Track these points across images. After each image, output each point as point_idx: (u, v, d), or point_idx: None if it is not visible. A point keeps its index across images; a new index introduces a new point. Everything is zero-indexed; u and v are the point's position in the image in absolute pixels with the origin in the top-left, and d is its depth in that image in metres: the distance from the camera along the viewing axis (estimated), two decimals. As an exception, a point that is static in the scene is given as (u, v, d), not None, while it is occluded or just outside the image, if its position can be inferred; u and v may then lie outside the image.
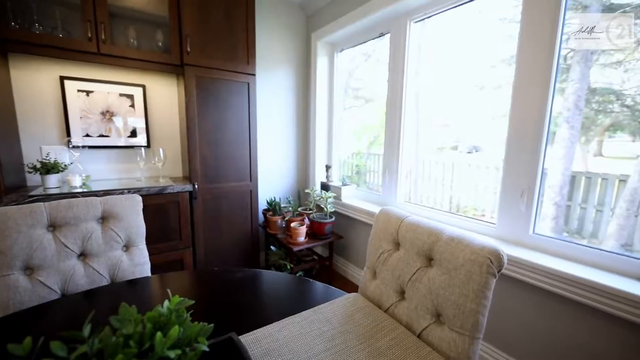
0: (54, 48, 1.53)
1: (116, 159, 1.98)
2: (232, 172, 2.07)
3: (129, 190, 1.62)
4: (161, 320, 0.51)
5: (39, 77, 1.72)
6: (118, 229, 1.08)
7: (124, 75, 1.95)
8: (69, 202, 1.01)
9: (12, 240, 0.89)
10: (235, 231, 2.13)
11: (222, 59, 1.94)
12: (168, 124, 2.14)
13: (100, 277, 1.04)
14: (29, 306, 0.91)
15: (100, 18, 1.61)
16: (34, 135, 1.73)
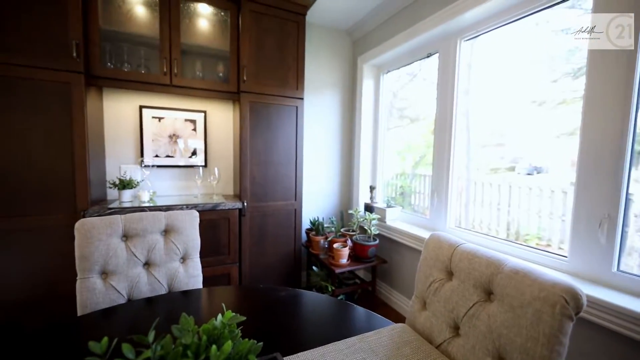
0: (137, 82, 1.80)
1: (178, 177, 2.20)
2: (278, 191, 2.15)
3: (187, 206, 1.78)
4: (215, 333, 0.53)
5: (123, 107, 2.02)
6: (177, 242, 1.18)
7: (189, 102, 2.20)
8: (139, 216, 1.14)
9: (94, 247, 1.02)
10: (279, 249, 2.18)
11: (273, 85, 2.09)
12: (223, 145, 2.33)
13: (159, 286, 1.13)
14: (101, 307, 1.02)
15: (174, 55, 1.86)
16: (115, 156, 2.01)
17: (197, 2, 1.94)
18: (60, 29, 1.56)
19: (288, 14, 2.10)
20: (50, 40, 1.54)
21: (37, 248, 1.57)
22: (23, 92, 1.51)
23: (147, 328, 0.57)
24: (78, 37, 1.59)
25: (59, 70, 1.57)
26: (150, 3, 1.87)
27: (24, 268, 1.55)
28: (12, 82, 1.49)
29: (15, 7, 1.47)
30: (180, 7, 1.87)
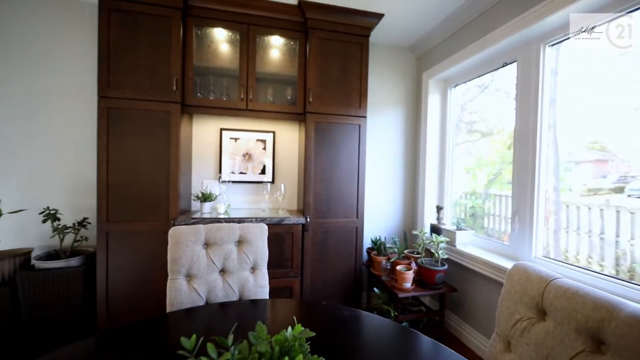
0: (220, 108, 2.07)
1: (249, 192, 2.40)
2: (340, 208, 2.17)
3: (256, 219, 1.92)
4: (286, 345, 0.55)
5: (207, 129, 2.32)
6: (248, 252, 1.27)
7: (260, 124, 2.41)
8: (218, 226, 1.27)
9: (182, 252, 1.17)
10: (339, 266, 2.17)
11: (337, 105, 2.16)
12: (289, 163, 2.48)
13: (232, 292, 1.23)
14: (185, 307, 1.15)
15: (250, 83, 2.08)
16: (199, 172, 2.30)
17: (270, 35, 2.16)
18: (164, 68, 1.90)
19: (352, 37, 2.18)
20: (156, 77, 1.89)
21: (140, 248, 1.86)
22: (134, 120, 1.86)
23: (221, 330, 0.61)
24: (177, 73, 1.91)
25: (162, 102, 1.89)
26: (232, 40, 2.15)
27: (131, 264, 1.86)
28: (126, 113, 1.85)
29: (129, 52, 1.85)
30: (257, 41, 2.11)
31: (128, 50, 1.85)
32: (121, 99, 1.84)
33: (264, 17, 2.08)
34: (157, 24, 1.88)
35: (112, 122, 1.82)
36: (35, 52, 2.05)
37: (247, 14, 2.05)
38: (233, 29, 2.08)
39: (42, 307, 1.76)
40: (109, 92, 1.81)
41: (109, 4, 1.82)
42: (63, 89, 2.10)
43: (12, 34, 2.02)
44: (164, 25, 1.89)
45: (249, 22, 2.07)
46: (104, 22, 1.81)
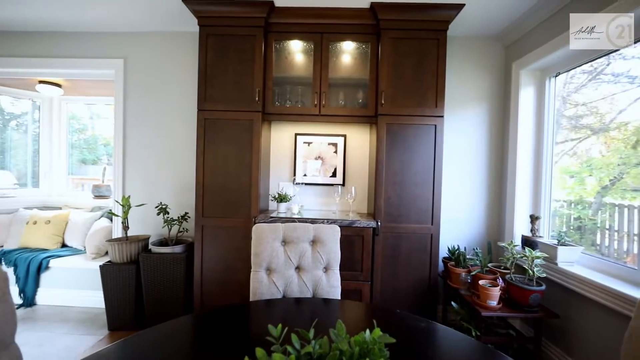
0: (295, 115, 2.20)
1: (320, 194, 2.49)
2: (413, 213, 2.07)
3: (327, 221, 1.97)
4: (365, 347, 0.55)
5: (283, 135, 2.50)
6: (322, 252, 1.31)
7: (332, 128, 2.48)
8: (294, 226, 1.35)
9: (263, 248, 1.28)
10: (411, 274, 2.07)
11: (411, 106, 2.08)
12: (359, 166, 2.48)
13: (306, 289, 1.29)
14: (265, 298, 1.26)
15: (323, 89, 2.16)
16: (276, 174, 2.49)
17: (342, 41, 2.21)
18: (249, 81, 2.12)
19: (427, 33, 2.07)
20: (242, 90, 2.12)
21: (226, 241, 2.12)
22: (224, 129, 2.13)
23: (297, 324, 0.65)
24: (259, 85, 2.11)
25: (246, 111, 2.11)
26: (307, 50, 2.27)
27: (220, 254, 2.12)
28: (218, 123, 2.13)
29: (221, 70, 2.11)
30: (329, 48, 2.18)
31: (220, 68, 2.12)
32: (214, 111, 2.12)
33: (337, 24, 2.14)
34: (243, 43, 2.11)
35: (207, 131, 2.12)
36: (154, 81, 2.54)
37: (321, 24, 2.14)
38: (308, 39, 2.19)
39: (156, 284, 2.15)
40: (206, 106, 2.12)
41: (207, 30, 2.13)
42: (173, 106, 2.54)
43: (140, 68, 2.54)
44: (249, 43, 2.11)
45: (322, 31, 2.15)
46: (203, 47, 2.12)
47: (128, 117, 2.55)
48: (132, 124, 2.56)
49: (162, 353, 0.88)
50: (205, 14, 2.09)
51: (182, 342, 0.99)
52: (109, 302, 2.19)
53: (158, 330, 0.97)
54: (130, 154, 2.56)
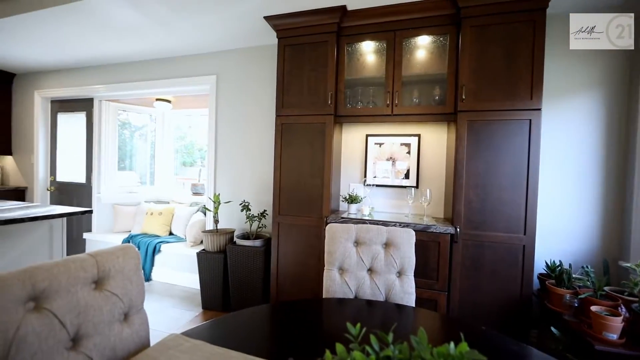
0: (366, 116, 2.20)
1: (391, 196, 2.42)
2: (500, 220, 1.84)
3: (400, 224, 1.90)
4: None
5: (354, 136, 2.52)
6: (395, 256, 1.28)
7: (405, 128, 2.38)
8: (367, 227, 1.35)
9: (337, 247, 1.31)
10: (498, 289, 1.84)
11: (498, 99, 1.85)
12: (435, 167, 2.33)
13: (378, 292, 1.27)
14: (337, 296, 1.29)
15: (396, 88, 2.10)
16: (347, 175, 2.52)
17: (417, 36, 2.10)
18: (322, 85, 2.20)
19: (519, 15, 1.81)
20: (315, 94, 2.21)
21: (299, 239, 2.24)
22: (298, 132, 2.25)
23: (369, 325, 0.64)
24: (332, 89, 2.17)
25: (319, 115, 2.20)
26: (379, 49, 2.24)
27: (293, 250, 2.26)
28: (293, 127, 2.26)
29: (297, 77, 2.24)
30: (403, 45, 2.10)
31: (296, 76, 2.26)
32: (290, 116, 2.27)
33: (411, 19, 2.05)
34: (316, 49, 2.21)
35: (284, 135, 2.28)
36: (238, 92, 2.85)
37: (394, 21, 2.09)
38: (380, 38, 2.16)
39: (239, 272, 2.41)
40: (283, 112, 2.28)
41: (284, 42, 2.29)
42: (254, 113, 2.81)
43: (228, 82, 2.89)
44: (322, 49, 2.19)
45: (395, 29, 2.09)
46: (281, 57, 2.29)
47: (219, 125, 2.93)
48: (222, 131, 2.92)
49: (246, 335, 0.98)
50: (283, 26, 2.26)
51: (262, 328, 1.09)
52: (203, 284, 2.55)
53: (242, 315, 1.09)
54: (220, 157, 2.93)
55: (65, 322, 0.71)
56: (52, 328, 0.68)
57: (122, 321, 0.84)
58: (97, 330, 0.77)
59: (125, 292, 0.85)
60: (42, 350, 0.66)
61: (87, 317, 0.75)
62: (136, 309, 0.89)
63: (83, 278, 0.78)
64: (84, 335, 0.75)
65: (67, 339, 0.72)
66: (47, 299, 0.70)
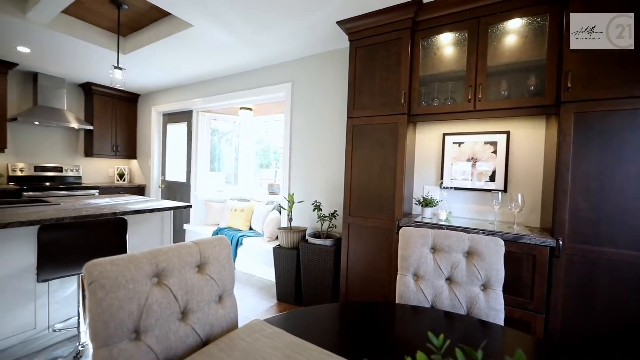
0: (444, 113, 2.04)
1: (472, 200, 2.19)
2: (624, 234, 1.48)
3: (483, 231, 1.71)
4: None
5: (429, 136, 2.37)
6: (479, 267, 1.16)
7: (490, 124, 2.13)
8: (446, 233, 1.25)
9: (411, 252, 1.26)
10: (620, 320, 1.48)
11: (619, 85, 1.50)
12: (528, 168, 2.02)
13: (459, 305, 1.17)
14: (412, 304, 1.23)
15: (479, 81, 1.90)
16: (420, 177, 2.39)
17: (507, 20, 1.86)
18: (394, 85, 2.13)
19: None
20: (387, 94, 2.16)
21: (369, 240, 2.22)
22: (369, 133, 2.23)
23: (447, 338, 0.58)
24: (405, 87, 2.08)
25: (391, 115, 2.14)
26: (458, 41, 2.06)
27: (363, 251, 2.25)
28: (364, 128, 2.25)
29: (368, 78, 2.22)
30: (488, 33, 1.89)
31: (367, 77, 2.25)
32: (361, 117, 2.26)
33: (498, 3, 1.83)
34: (388, 48, 2.15)
35: (355, 136, 2.29)
36: (311, 97, 2.99)
37: (477, 7, 1.89)
38: (460, 29, 1.99)
39: (310, 269, 2.52)
40: (354, 113, 2.29)
41: (356, 44, 2.30)
42: (325, 116, 2.90)
43: (302, 87, 3.06)
44: (395, 47, 2.13)
45: (479, 15, 1.90)
46: (352, 59, 2.31)
47: (293, 129, 3.12)
48: (296, 135, 3.10)
49: (319, 330, 1.02)
50: (354, 29, 2.27)
51: (335, 325, 1.12)
52: (278, 278, 2.74)
53: (316, 310, 1.14)
54: (294, 159, 3.11)
55: (177, 297, 0.86)
56: (169, 301, 0.84)
57: (217, 302, 0.97)
58: (199, 307, 0.91)
59: (220, 277, 0.98)
60: (162, 317, 0.81)
61: (192, 295, 0.90)
62: (228, 293, 1.02)
63: (190, 262, 0.92)
64: (189, 310, 0.89)
65: (178, 311, 0.86)
66: (165, 276, 0.86)
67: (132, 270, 0.78)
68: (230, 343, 0.82)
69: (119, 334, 0.73)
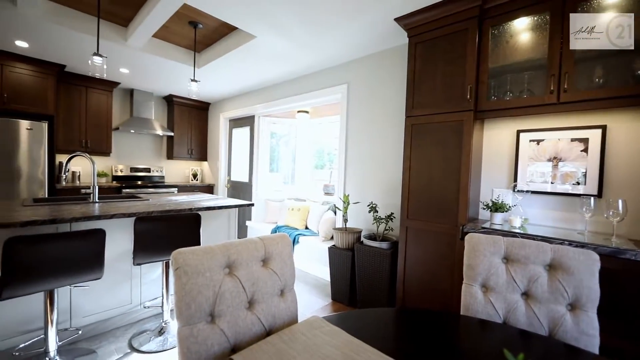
0: (519, 108, 1.82)
1: (554, 206, 1.91)
2: None
3: (570, 242, 1.48)
4: None
5: (500, 134, 2.14)
6: (566, 283, 1.00)
7: (578, 119, 1.84)
8: (521, 242, 1.12)
9: (479, 261, 1.15)
10: None
11: None
12: (633, 170, 1.68)
13: (538, 324, 1.03)
14: (479, 317, 1.13)
15: (565, 69, 1.65)
16: (489, 179, 2.18)
17: (604, -6, 1.58)
18: (458, 80, 1.98)
19: None
20: (450, 90, 2.01)
21: (429, 246, 2.10)
22: (429, 132, 2.11)
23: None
24: (472, 82, 1.92)
25: (455, 112, 1.99)
26: (537, 25, 1.82)
27: (422, 257, 2.14)
28: (424, 127, 2.13)
29: (428, 75, 2.10)
30: (577, 10, 1.63)
31: (428, 73, 2.13)
32: (420, 116, 2.16)
33: (593, -25, 1.57)
34: (452, 41, 2.01)
35: (414, 136, 2.19)
36: (366, 97, 2.95)
37: (563, -16, 1.65)
38: (539, 11, 1.75)
39: (365, 271, 2.49)
40: (413, 112, 2.20)
41: (415, 40, 2.21)
42: (381, 116, 2.84)
43: (357, 88, 3.04)
44: (458, 40, 1.98)
45: (565, -7, 1.65)
46: (412, 56, 2.22)
47: (349, 130, 3.12)
48: (351, 136, 3.10)
49: (375, 333, 1.00)
50: (414, 24, 2.18)
51: (390, 330, 1.09)
52: (333, 277, 2.77)
53: (370, 313, 1.12)
54: (349, 160, 3.12)
55: (245, 287, 0.93)
56: (238, 290, 0.92)
57: (279, 296, 1.03)
58: (263, 299, 0.98)
59: (282, 272, 1.03)
60: (232, 305, 0.90)
61: (258, 287, 0.97)
62: (289, 288, 1.07)
63: (256, 256, 1.00)
64: (255, 301, 0.96)
65: (245, 300, 0.94)
66: (235, 268, 0.94)
67: (208, 260, 0.88)
68: (292, 336, 0.86)
69: (198, 316, 0.83)
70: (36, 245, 1.44)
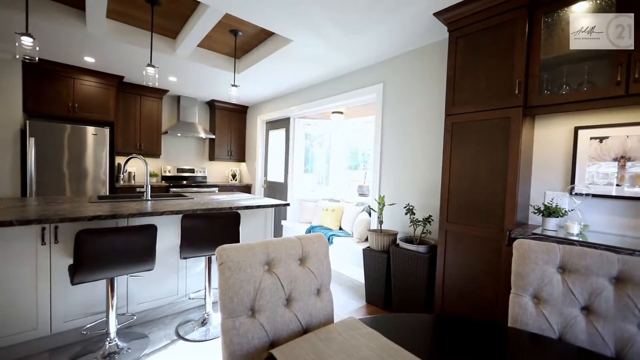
0: (577, 102, 1.65)
1: (621, 212, 1.70)
2: None
3: (639, 252, 1.30)
4: None
5: (554, 131, 1.95)
6: (637, 300, 0.89)
7: (653, 113, 1.61)
8: (581, 250, 1.01)
9: (530, 269, 1.07)
10: None
11: None
12: None
13: (601, 343, 0.92)
14: (530, 330, 1.04)
15: (635, 56, 1.46)
16: (541, 181, 2.00)
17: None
18: (505, 74, 1.84)
19: None
20: (496, 86, 1.88)
21: (472, 251, 1.98)
22: (472, 131, 1.99)
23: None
24: (520, 76, 1.78)
25: (501, 109, 1.86)
26: (602, 7, 1.62)
27: (464, 262, 2.03)
28: (466, 126, 2.02)
29: (471, 70, 1.98)
30: (653, -9, 1.43)
31: (470, 69, 2.02)
32: (462, 114, 2.05)
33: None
34: (497, 33, 1.88)
35: (454, 135, 2.09)
36: (403, 96, 2.87)
37: (634, -39, 1.46)
38: (605, -7, 1.57)
39: (401, 275, 2.42)
40: (453, 110, 2.09)
41: (456, 34, 2.10)
42: (418, 115, 2.74)
43: (393, 88, 2.97)
44: (506, 31, 1.84)
45: (636, -29, 1.46)
46: (452, 52, 2.12)
47: (384, 130, 3.06)
48: (387, 136, 3.04)
49: (412, 339, 0.97)
50: (454, 18, 2.07)
51: (429, 337, 1.05)
52: (367, 279, 2.74)
53: (407, 318, 1.09)
54: (385, 160, 3.06)
55: (283, 285, 0.96)
56: (277, 287, 0.95)
57: (315, 295, 1.05)
58: (300, 297, 1.00)
59: (319, 272, 1.05)
60: (271, 301, 0.93)
61: (295, 285, 0.99)
62: (325, 287, 1.08)
63: (293, 255, 1.02)
64: (293, 298, 0.99)
65: (283, 297, 0.97)
66: (274, 265, 0.97)
67: (249, 256, 0.92)
68: (329, 335, 0.87)
69: (239, 309, 0.87)
70: (101, 238, 1.62)
